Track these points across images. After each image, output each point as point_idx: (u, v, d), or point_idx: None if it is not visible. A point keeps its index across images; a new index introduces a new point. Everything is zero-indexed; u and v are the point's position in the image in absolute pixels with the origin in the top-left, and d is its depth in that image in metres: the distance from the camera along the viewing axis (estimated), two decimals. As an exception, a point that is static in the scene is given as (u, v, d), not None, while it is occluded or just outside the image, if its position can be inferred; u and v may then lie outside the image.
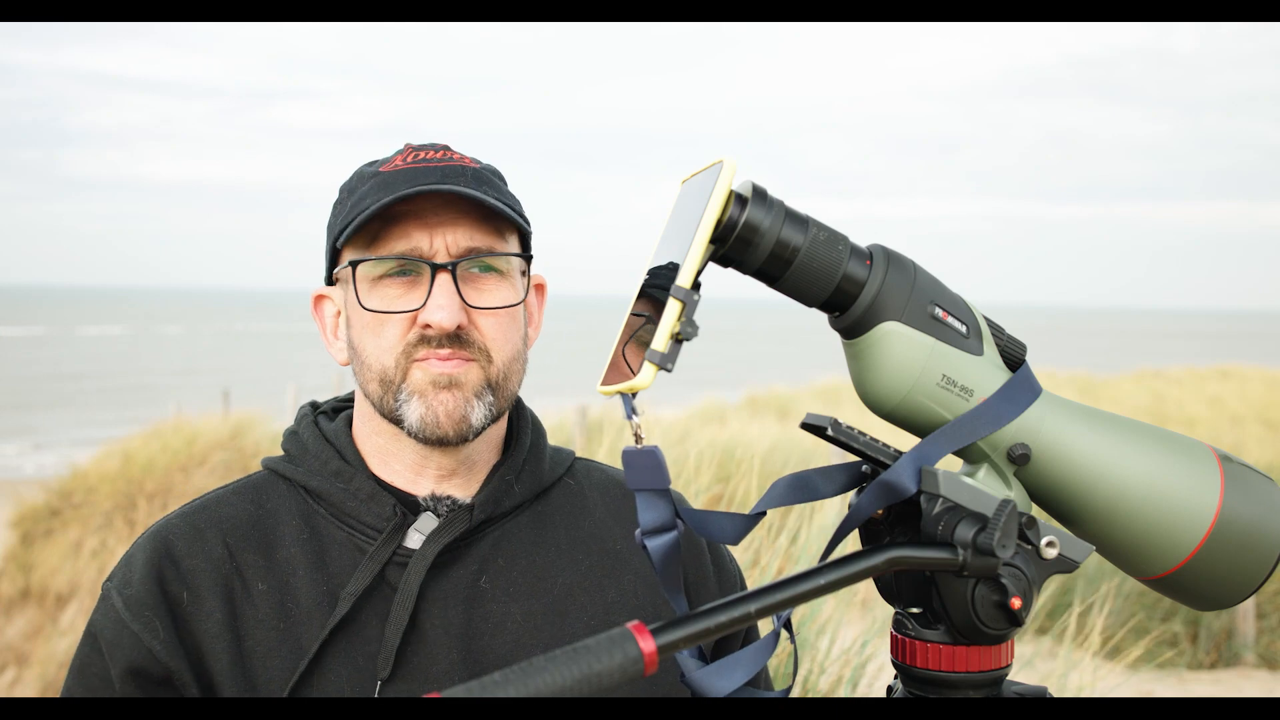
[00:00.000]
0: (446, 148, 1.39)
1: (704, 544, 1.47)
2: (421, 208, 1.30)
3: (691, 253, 0.93)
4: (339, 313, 1.40)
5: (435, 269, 1.29)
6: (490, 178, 1.37)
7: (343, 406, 1.47)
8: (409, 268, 1.31)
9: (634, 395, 0.95)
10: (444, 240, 1.30)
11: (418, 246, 1.30)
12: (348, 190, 1.38)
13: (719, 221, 0.95)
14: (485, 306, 1.32)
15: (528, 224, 1.38)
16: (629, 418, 0.96)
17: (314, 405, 1.46)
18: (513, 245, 1.37)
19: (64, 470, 10.31)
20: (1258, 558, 1.03)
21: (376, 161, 1.39)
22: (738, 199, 0.96)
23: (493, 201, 1.30)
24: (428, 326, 1.29)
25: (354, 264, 1.32)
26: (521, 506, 1.40)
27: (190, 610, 1.29)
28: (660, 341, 0.91)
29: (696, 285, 0.94)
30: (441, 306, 1.28)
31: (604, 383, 0.97)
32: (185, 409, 11.83)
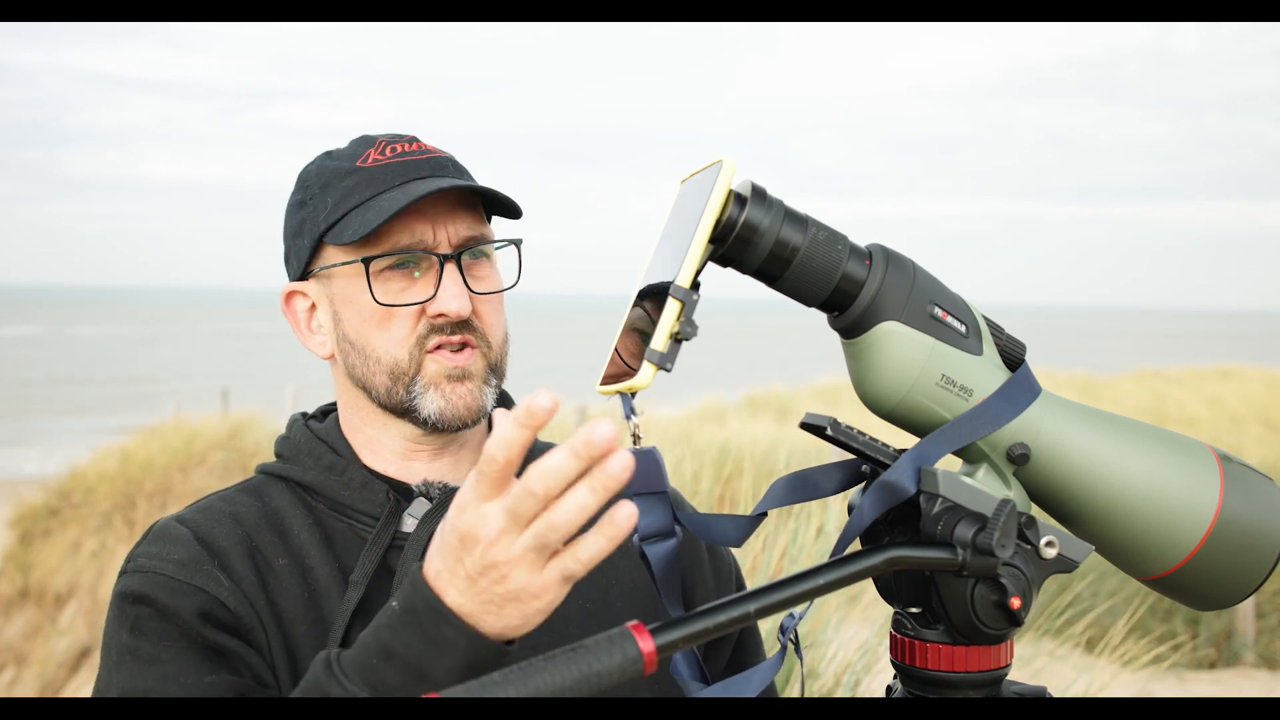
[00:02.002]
0: (416, 139, 1.41)
1: (701, 543, 1.47)
2: (421, 201, 1.33)
3: (691, 252, 0.93)
4: (313, 306, 1.41)
5: (443, 260, 1.32)
6: (463, 166, 1.41)
7: (330, 410, 1.48)
8: (409, 260, 1.33)
9: (633, 395, 0.95)
10: (445, 232, 1.33)
11: (423, 239, 1.33)
12: (319, 185, 1.37)
13: (718, 221, 0.95)
14: (486, 292, 1.36)
15: (518, 209, 1.42)
16: (628, 418, 0.96)
17: (304, 414, 1.48)
18: (492, 231, 1.41)
19: (63, 470, 10.30)
20: (1257, 557, 1.03)
21: (337, 153, 1.39)
22: (737, 198, 0.96)
23: (491, 189, 1.34)
24: (439, 316, 1.32)
25: (367, 261, 1.32)
26: None
27: (227, 573, 1.29)
28: (659, 341, 0.91)
29: (696, 285, 0.93)
30: (455, 296, 1.31)
31: (603, 382, 0.97)
32: (184, 409, 11.82)
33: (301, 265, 1.39)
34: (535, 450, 1.51)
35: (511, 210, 1.39)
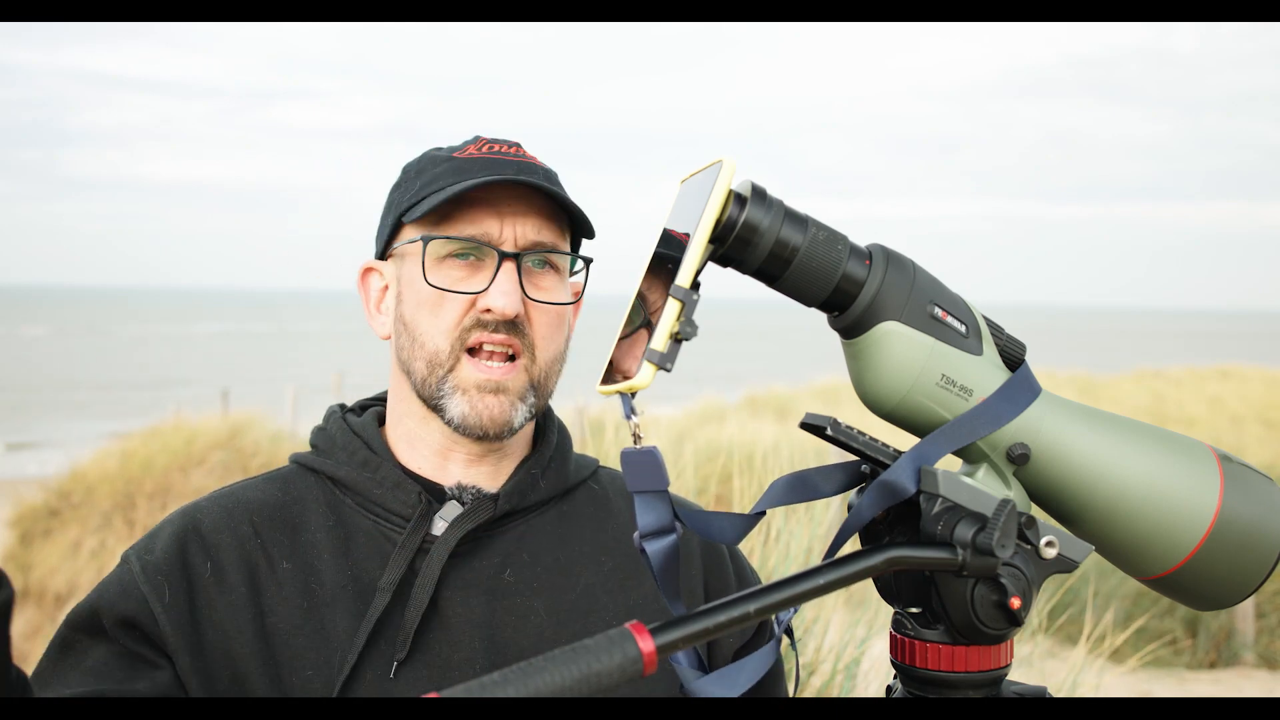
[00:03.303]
0: (519, 145, 1.43)
1: (725, 551, 1.48)
2: (495, 196, 1.34)
3: (691, 252, 0.93)
4: (385, 287, 1.43)
5: (503, 256, 1.33)
6: (557, 179, 1.41)
7: (369, 404, 1.49)
8: (472, 251, 1.34)
9: (633, 395, 0.94)
10: (513, 230, 1.34)
11: (488, 232, 1.33)
12: (415, 171, 1.41)
13: (718, 221, 0.95)
14: (542, 301, 1.35)
15: (592, 228, 1.42)
16: (628, 418, 0.96)
17: (342, 406, 1.49)
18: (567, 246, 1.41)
19: (63, 470, 10.30)
20: (1257, 558, 1.03)
21: (446, 148, 1.42)
22: (737, 198, 0.96)
23: (569, 199, 1.34)
24: (487, 311, 1.32)
25: (426, 240, 1.35)
26: (547, 504, 1.42)
27: (211, 584, 1.30)
28: (659, 341, 0.91)
29: (696, 285, 0.93)
30: (505, 293, 1.31)
31: (603, 382, 0.97)
32: (184, 409, 11.82)
33: (382, 243, 1.43)
34: (616, 476, 1.52)
35: (584, 226, 1.39)
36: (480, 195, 1.33)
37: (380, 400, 1.49)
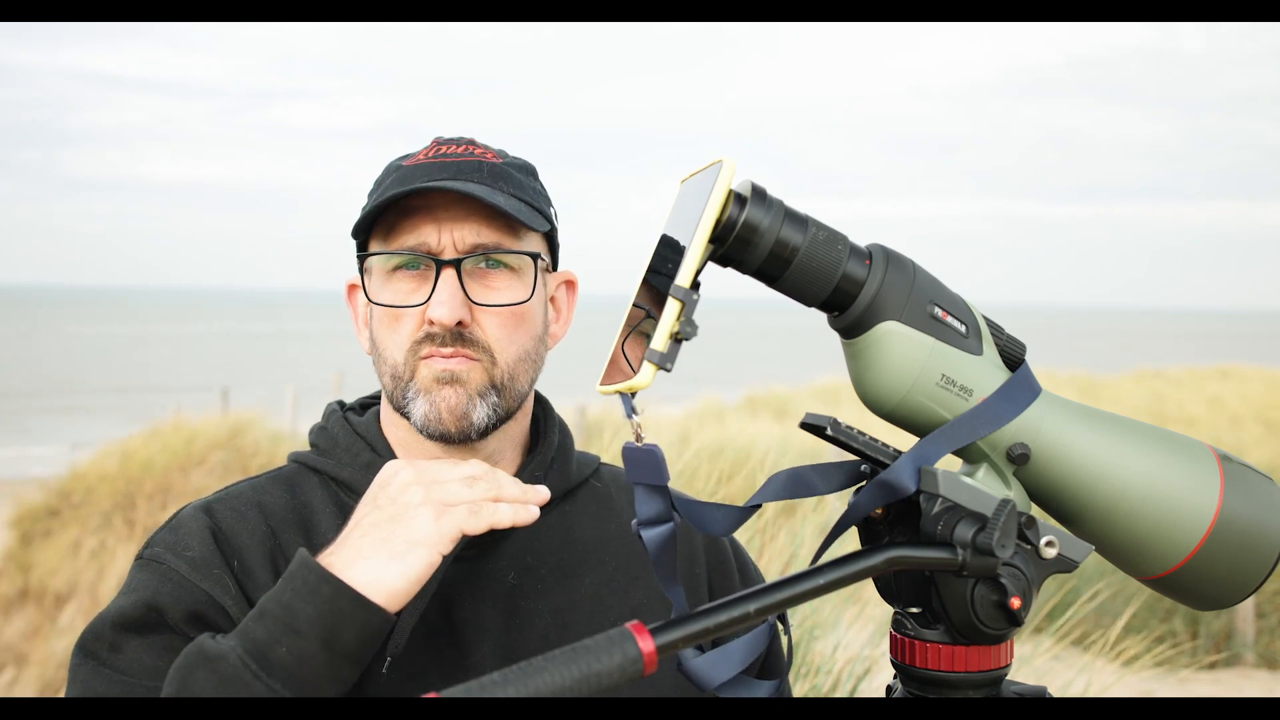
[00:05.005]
0: (471, 142, 1.39)
1: (729, 550, 1.48)
2: (433, 203, 1.31)
3: (691, 252, 0.93)
4: (368, 302, 1.42)
5: (440, 265, 1.30)
6: (511, 173, 1.37)
7: (370, 403, 1.48)
8: (419, 262, 1.32)
9: (633, 395, 0.95)
10: (451, 236, 1.31)
11: (426, 242, 1.31)
12: (376, 183, 1.40)
13: (718, 221, 0.95)
14: (489, 304, 1.32)
15: (548, 221, 1.38)
16: (629, 417, 0.96)
17: (341, 404, 1.47)
18: (529, 243, 1.36)
19: (63, 470, 10.30)
20: (1257, 557, 1.03)
21: (406, 155, 1.40)
22: (737, 198, 0.96)
23: (493, 200, 1.30)
24: (432, 323, 1.30)
25: (365, 256, 1.35)
26: (550, 505, 1.40)
27: (242, 578, 1.28)
28: (660, 341, 0.91)
29: (696, 285, 0.93)
30: (443, 303, 1.29)
31: (603, 382, 0.97)
32: (184, 409, 11.81)
33: (358, 259, 1.41)
34: (619, 474, 1.50)
35: (526, 222, 1.33)
36: (420, 204, 1.31)
37: (379, 399, 1.48)
